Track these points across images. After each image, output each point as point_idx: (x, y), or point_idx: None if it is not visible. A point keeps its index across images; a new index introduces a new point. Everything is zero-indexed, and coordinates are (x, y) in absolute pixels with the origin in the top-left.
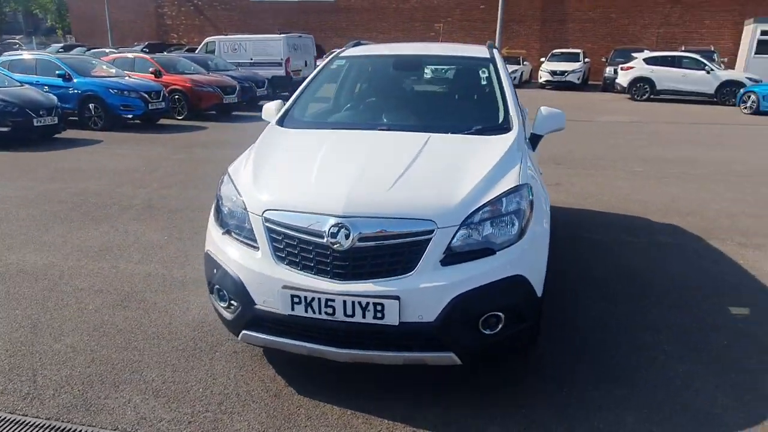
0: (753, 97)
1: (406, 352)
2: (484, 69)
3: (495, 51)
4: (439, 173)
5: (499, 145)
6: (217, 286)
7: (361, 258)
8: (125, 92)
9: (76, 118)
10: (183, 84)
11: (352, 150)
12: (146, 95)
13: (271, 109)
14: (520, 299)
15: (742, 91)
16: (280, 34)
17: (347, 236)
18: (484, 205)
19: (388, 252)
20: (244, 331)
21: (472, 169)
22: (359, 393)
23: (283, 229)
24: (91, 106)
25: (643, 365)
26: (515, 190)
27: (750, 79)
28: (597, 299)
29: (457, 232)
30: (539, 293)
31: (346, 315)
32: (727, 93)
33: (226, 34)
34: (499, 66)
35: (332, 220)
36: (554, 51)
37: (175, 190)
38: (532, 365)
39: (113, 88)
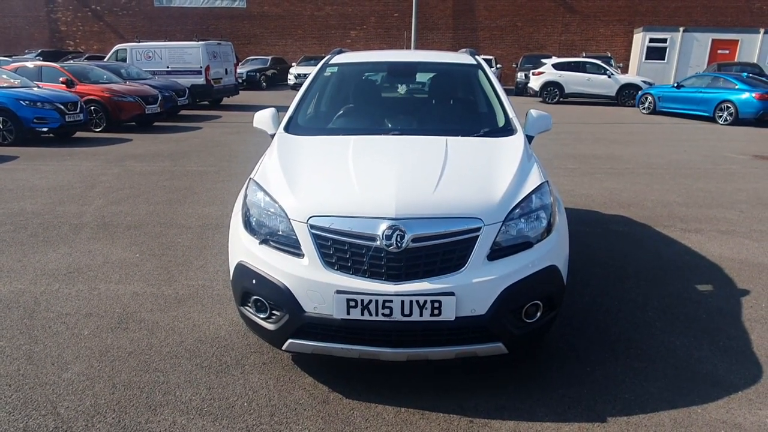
0: (650, 98)
1: (459, 345)
2: (475, 74)
3: (478, 57)
4: (474, 174)
5: (512, 146)
6: (255, 297)
7: (415, 258)
8: (38, 104)
9: None
10: (100, 94)
11: (379, 154)
12: (62, 107)
13: (265, 116)
14: (554, 288)
15: (640, 93)
16: (198, 41)
17: (402, 238)
18: (520, 202)
19: (440, 250)
20: (290, 340)
21: (500, 169)
22: (401, 391)
23: (331, 235)
24: None
25: (645, 340)
26: (540, 187)
27: (645, 82)
28: (582, 284)
29: (500, 228)
30: (565, 281)
31: (403, 315)
32: (626, 95)
33: (138, 41)
34: (488, 71)
35: (385, 223)
36: None
37: (125, 206)
38: (552, 348)
39: (25, 99)
